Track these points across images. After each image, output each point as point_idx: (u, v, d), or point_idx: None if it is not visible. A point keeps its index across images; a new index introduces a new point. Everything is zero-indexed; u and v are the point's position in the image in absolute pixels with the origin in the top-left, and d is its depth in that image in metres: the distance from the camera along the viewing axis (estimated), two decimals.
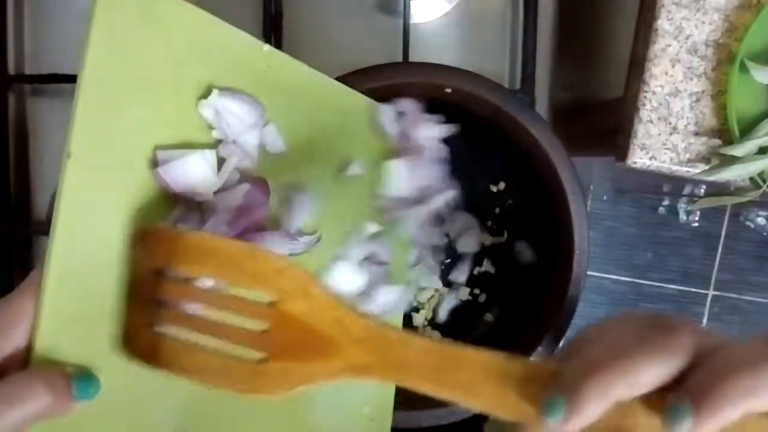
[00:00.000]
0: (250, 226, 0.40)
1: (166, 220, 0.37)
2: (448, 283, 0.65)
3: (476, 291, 0.66)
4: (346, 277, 0.48)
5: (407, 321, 0.65)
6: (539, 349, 0.56)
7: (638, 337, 0.28)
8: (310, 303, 0.33)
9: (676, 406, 0.26)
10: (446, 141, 0.64)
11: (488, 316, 0.64)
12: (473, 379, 0.31)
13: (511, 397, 0.30)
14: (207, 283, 0.34)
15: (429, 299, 0.65)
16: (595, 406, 0.27)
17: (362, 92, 0.55)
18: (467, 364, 0.32)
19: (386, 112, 0.53)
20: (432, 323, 0.65)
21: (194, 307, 0.35)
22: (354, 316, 0.33)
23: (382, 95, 0.57)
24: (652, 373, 0.27)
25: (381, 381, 0.33)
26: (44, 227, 0.66)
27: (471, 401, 0.31)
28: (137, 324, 0.35)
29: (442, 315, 0.65)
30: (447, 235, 0.66)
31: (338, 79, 0.54)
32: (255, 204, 0.41)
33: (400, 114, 0.53)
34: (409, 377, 0.32)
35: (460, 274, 0.65)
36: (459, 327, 0.65)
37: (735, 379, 0.25)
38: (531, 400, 0.29)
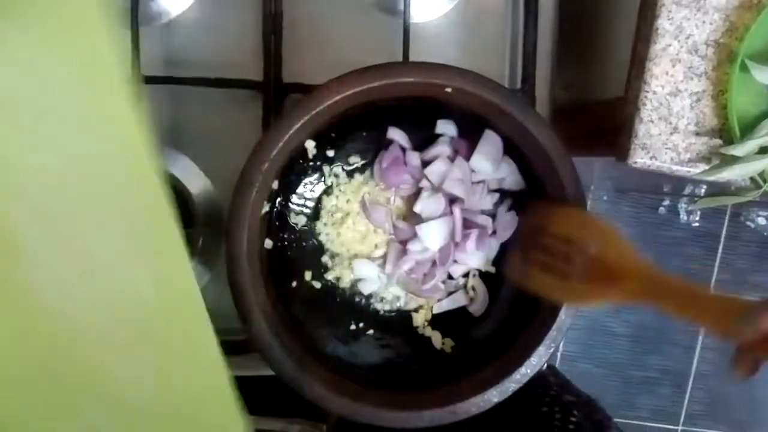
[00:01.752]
0: None
1: None
2: (463, 287, 0.66)
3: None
4: None
5: (407, 321, 0.65)
6: (539, 349, 0.56)
7: None
8: (614, 251, 0.53)
9: None
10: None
11: (487, 317, 0.64)
12: (699, 306, 0.47)
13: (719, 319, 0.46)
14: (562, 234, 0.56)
15: (428, 299, 0.65)
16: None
17: (362, 92, 0.55)
18: (699, 299, 0.48)
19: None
20: (431, 323, 0.65)
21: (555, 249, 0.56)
22: (641, 261, 0.51)
23: (382, 95, 0.57)
24: None
25: (643, 304, 0.50)
26: None
27: (692, 318, 0.48)
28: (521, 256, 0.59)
29: (440, 309, 0.65)
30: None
31: (338, 79, 0.54)
32: None
33: None
34: (665, 304, 0.49)
35: (460, 275, 0.65)
36: (458, 327, 0.65)
37: None
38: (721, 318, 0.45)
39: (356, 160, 0.64)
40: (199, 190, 0.67)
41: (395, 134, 0.63)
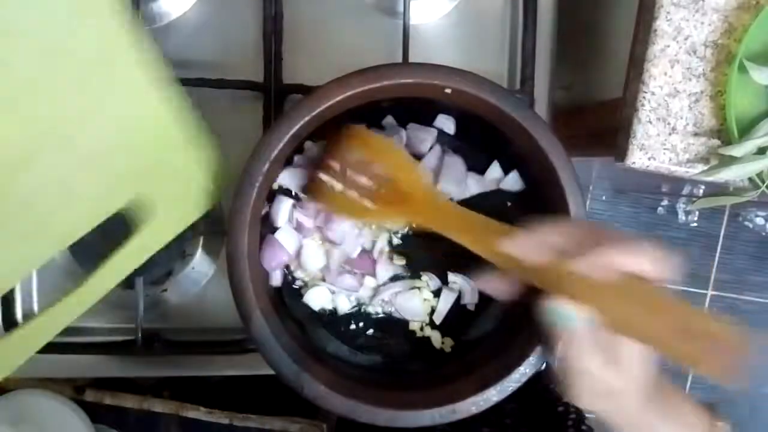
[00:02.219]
0: None
1: None
2: (445, 284, 0.65)
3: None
4: None
5: (406, 321, 0.65)
6: (537, 348, 0.56)
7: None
8: (407, 175, 0.54)
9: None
10: (445, 142, 0.64)
11: (486, 316, 0.64)
12: (476, 230, 0.50)
13: (492, 242, 0.48)
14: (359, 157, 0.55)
15: (425, 300, 0.65)
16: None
17: (362, 93, 0.55)
18: (476, 222, 0.51)
19: None
20: (431, 323, 0.65)
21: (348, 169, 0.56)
22: (428, 186, 0.55)
23: (382, 96, 0.57)
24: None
25: (428, 225, 0.53)
26: None
27: (469, 244, 0.50)
28: (313, 174, 0.58)
29: (440, 316, 0.65)
30: None
31: (338, 80, 0.54)
32: None
33: None
34: (444, 229, 0.52)
35: (457, 275, 0.65)
36: (458, 326, 0.65)
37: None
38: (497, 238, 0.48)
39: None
40: None
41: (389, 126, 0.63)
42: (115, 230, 0.63)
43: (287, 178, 0.61)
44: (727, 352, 0.39)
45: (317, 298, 0.63)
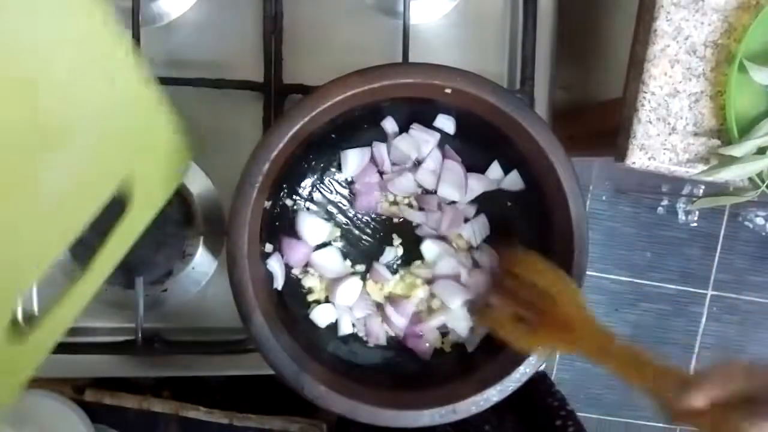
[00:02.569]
0: None
1: None
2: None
3: None
4: None
5: None
6: (538, 348, 0.56)
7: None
8: (572, 306, 0.54)
9: None
10: (445, 142, 0.64)
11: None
12: (641, 372, 0.49)
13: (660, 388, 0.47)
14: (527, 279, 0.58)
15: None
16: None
17: (362, 93, 0.55)
18: (641, 364, 0.49)
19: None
20: None
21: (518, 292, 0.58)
22: (590, 317, 0.54)
23: (382, 96, 0.57)
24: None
25: (590, 360, 0.53)
26: None
27: (632, 381, 0.49)
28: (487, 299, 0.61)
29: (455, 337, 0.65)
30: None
31: (338, 80, 0.54)
32: None
33: None
34: (607, 362, 0.51)
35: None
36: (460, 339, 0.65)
37: None
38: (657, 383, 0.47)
39: (357, 170, 0.64)
40: (200, 190, 0.67)
41: (389, 126, 0.64)
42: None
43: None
44: None
45: (323, 316, 0.63)
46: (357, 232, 0.65)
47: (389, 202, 0.65)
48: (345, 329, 0.63)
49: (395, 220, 0.65)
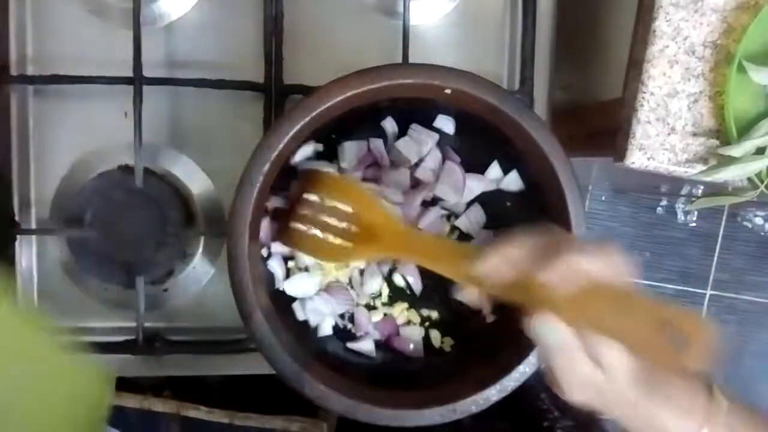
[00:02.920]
0: None
1: None
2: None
3: None
4: None
5: None
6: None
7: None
8: (372, 212, 0.56)
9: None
10: (445, 142, 0.64)
11: (485, 314, 0.65)
12: (444, 256, 0.51)
13: (460, 265, 0.49)
14: (326, 200, 0.58)
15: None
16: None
17: (362, 93, 0.55)
18: (442, 248, 0.52)
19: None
20: (430, 321, 0.65)
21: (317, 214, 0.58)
22: (392, 220, 0.55)
23: (382, 97, 0.57)
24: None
25: (399, 257, 0.58)
26: (45, 227, 0.66)
27: (440, 269, 0.52)
28: (286, 222, 0.59)
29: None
30: None
31: (338, 80, 0.54)
32: None
33: None
34: (414, 257, 0.55)
35: None
36: (458, 326, 0.65)
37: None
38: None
39: (354, 161, 0.64)
40: (200, 190, 0.67)
41: (389, 126, 0.64)
42: (113, 230, 0.64)
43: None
44: (698, 345, 0.39)
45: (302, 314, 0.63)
46: None
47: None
48: (325, 330, 0.64)
49: None
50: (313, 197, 0.58)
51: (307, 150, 0.62)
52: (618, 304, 0.42)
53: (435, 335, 0.65)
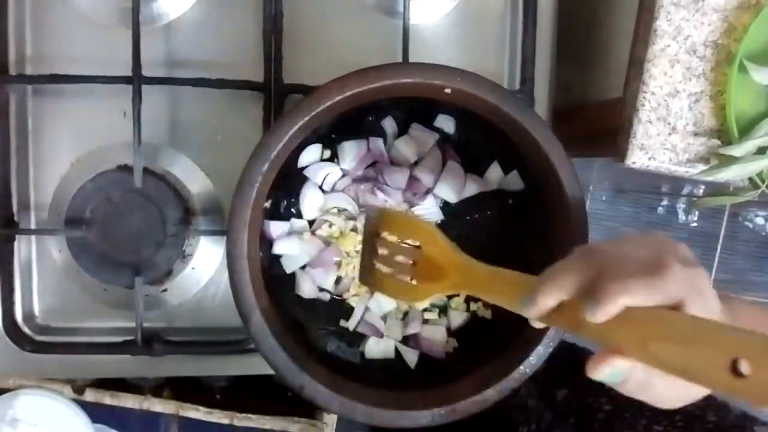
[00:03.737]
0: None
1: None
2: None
3: None
4: None
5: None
6: (538, 348, 0.56)
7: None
8: (435, 247, 0.54)
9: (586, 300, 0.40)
10: (445, 141, 0.64)
11: (487, 314, 0.65)
12: (506, 291, 0.48)
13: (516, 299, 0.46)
14: (393, 238, 0.58)
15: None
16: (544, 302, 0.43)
17: (362, 93, 0.55)
18: (507, 282, 0.49)
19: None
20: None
21: (389, 252, 0.58)
22: (456, 254, 0.53)
23: (382, 96, 0.57)
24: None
25: (464, 292, 0.60)
26: (44, 227, 0.66)
27: (500, 303, 0.49)
28: (367, 263, 0.59)
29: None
30: None
31: (338, 80, 0.54)
32: None
33: None
34: (474, 291, 0.52)
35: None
36: (459, 328, 0.65)
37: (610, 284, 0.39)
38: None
39: (354, 161, 0.64)
40: (199, 190, 0.67)
41: (389, 126, 0.64)
42: (112, 230, 0.64)
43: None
44: (761, 374, 0.34)
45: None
46: None
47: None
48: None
49: None
50: (387, 236, 0.58)
51: (313, 153, 0.62)
52: (678, 337, 0.38)
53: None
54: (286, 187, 0.62)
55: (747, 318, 0.43)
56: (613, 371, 0.40)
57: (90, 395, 0.74)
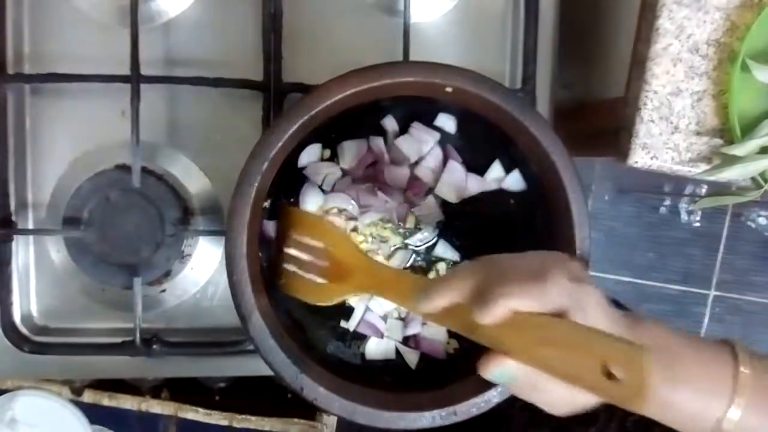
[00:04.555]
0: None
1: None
2: None
3: None
4: None
5: None
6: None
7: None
8: (342, 248, 0.56)
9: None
10: (446, 141, 0.64)
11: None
12: (405, 290, 0.50)
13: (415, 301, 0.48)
14: (304, 239, 0.59)
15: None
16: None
17: (362, 92, 0.55)
18: (406, 282, 0.51)
19: None
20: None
21: (297, 253, 0.59)
22: (362, 256, 0.56)
23: (383, 95, 0.57)
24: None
25: (371, 294, 0.59)
26: (43, 228, 0.66)
27: (402, 305, 0.54)
28: (279, 265, 0.59)
29: None
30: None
31: (338, 78, 0.54)
32: None
33: None
34: (383, 292, 0.54)
35: None
36: None
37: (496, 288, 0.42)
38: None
39: (354, 161, 0.64)
40: (198, 189, 0.67)
41: (389, 125, 0.63)
42: (111, 230, 0.63)
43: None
44: (632, 377, 0.38)
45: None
46: None
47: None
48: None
49: None
50: (295, 236, 0.59)
51: (312, 153, 0.62)
52: (557, 342, 0.41)
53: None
54: (286, 187, 0.62)
55: (651, 340, 0.45)
56: (501, 371, 0.43)
57: (88, 396, 0.74)
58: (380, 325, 0.63)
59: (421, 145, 0.63)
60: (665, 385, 0.43)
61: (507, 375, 0.43)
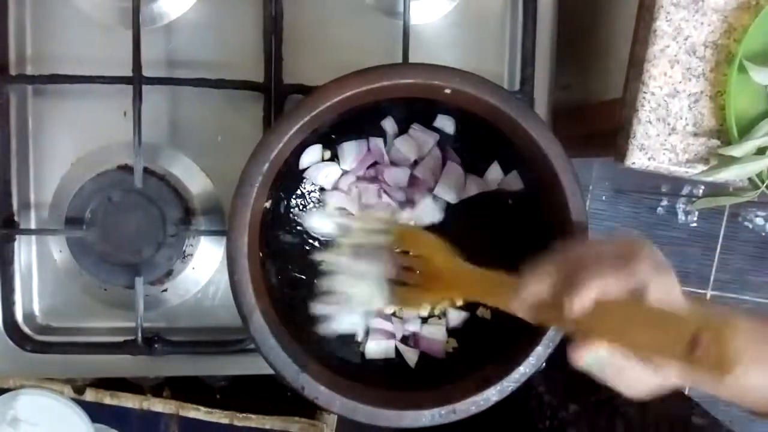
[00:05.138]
0: None
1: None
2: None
3: None
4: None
5: None
6: (538, 349, 0.56)
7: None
8: (440, 258, 0.56)
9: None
10: (445, 142, 0.64)
11: (487, 314, 0.65)
12: (497, 291, 0.51)
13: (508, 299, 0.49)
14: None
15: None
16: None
17: (362, 93, 0.55)
18: (497, 283, 0.51)
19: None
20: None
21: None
22: (456, 264, 0.55)
23: (382, 96, 0.57)
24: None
25: (460, 296, 0.61)
26: (45, 228, 0.66)
27: (496, 305, 0.52)
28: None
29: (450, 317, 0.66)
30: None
31: (338, 80, 0.54)
32: None
33: None
34: (475, 296, 0.55)
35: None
36: (460, 328, 0.65)
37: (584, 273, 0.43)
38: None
39: (354, 161, 0.64)
40: (199, 190, 0.67)
41: (389, 126, 0.64)
42: (113, 230, 0.64)
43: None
44: (719, 349, 0.38)
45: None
46: None
47: None
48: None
49: None
50: (399, 251, 0.60)
51: (313, 154, 0.62)
52: (646, 322, 0.42)
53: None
54: (287, 187, 0.62)
55: (735, 319, 0.45)
56: (594, 357, 0.43)
57: (90, 395, 0.74)
58: (388, 326, 0.64)
59: (421, 146, 0.63)
60: (752, 364, 0.42)
61: (600, 360, 0.43)
